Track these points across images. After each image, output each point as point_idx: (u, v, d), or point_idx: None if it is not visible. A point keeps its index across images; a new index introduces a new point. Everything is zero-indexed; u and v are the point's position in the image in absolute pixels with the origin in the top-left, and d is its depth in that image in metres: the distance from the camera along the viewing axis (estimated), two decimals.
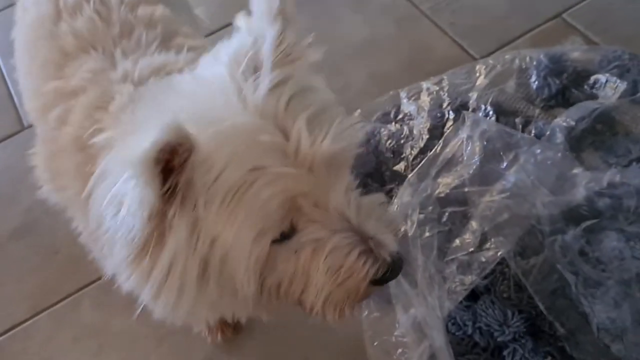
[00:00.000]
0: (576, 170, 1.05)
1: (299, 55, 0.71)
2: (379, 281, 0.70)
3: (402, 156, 1.26)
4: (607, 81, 1.28)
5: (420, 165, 1.14)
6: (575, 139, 1.17)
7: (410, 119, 1.34)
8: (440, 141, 1.12)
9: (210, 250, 0.65)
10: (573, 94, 1.31)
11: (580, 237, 1.05)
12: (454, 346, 1.05)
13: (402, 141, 1.28)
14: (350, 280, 0.69)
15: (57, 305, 1.31)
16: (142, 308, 0.78)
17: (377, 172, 1.29)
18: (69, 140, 0.89)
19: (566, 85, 1.32)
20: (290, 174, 0.64)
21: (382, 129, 1.32)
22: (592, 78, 1.31)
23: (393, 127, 1.32)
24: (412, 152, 1.27)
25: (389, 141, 1.29)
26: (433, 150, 1.13)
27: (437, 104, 1.34)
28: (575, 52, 1.37)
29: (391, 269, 0.69)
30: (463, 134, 1.09)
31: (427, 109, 1.33)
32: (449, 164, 1.11)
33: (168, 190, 0.62)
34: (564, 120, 1.19)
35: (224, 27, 1.76)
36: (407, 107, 1.36)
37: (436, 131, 1.27)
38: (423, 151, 1.24)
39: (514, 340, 1.04)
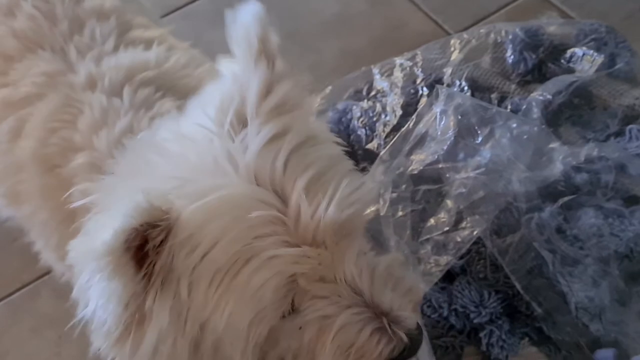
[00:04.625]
0: (553, 145, 1.02)
1: (297, 103, 0.62)
2: None
3: (375, 134, 1.22)
4: (584, 55, 1.25)
5: (392, 142, 1.10)
6: (552, 114, 1.14)
7: (383, 96, 1.29)
8: (413, 116, 1.08)
9: (201, 334, 0.59)
10: (550, 68, 1.27)
11: (557, 214, 1.02)
12: (430, 329, 1.03)
13: (374, 119, 1.24)
14: None
15: (14, 295, 1.25)
16: None
17: (349, 150, 1.24)
18: (30, 157, 0.80)
19: (542, 60, 1.29)
20: (287, 255, 0.56)
21: (354, 107, 1.28)
22: (569, 52, 1.28)
23: (365, 104, 1.28)
24: (385, 129, 1.22)
25: (362, 119, 1.25)
26: (406, 125, 1.09)
27: (410, 80, 1.29)
28: (551, 25, 1.34)
29: (408, 348, 0.62)
30: (437, 108, 1.06)
31: (401, 85, 1.29)
32: (423, 140, 1.07)
33: (145, 275, 0.55)
34: (540, 94, 1.16)
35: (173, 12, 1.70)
36: (380, 83, 1.32)
37: (410, 108, 1.22)
38: (396, 128, 1.20)
39: (490, 321, 1.02)
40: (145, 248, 0.53)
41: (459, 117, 1.03)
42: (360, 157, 1.22)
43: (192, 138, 0.61)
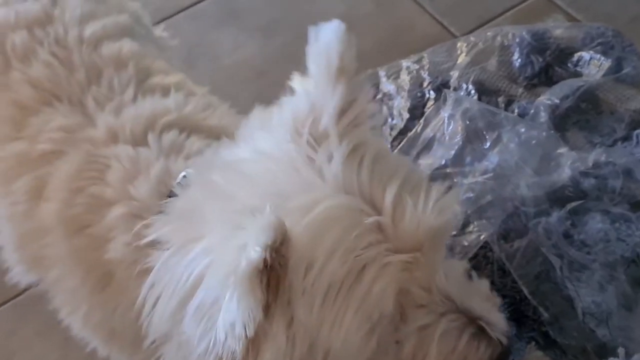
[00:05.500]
0: (561, 150, 1.02)
1: (363, 119, 0.63)
2: None
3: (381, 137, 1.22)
4: (591, 58, 1.25)
5: (400, 146, 1.10)
6: (559, 118, 1.14)
7: (390, 99, 1.29)
8: (421, 121, 1.09)
9: (309, 354, 0.57)
10: (556, 72, 1.27)
11: (565, 219, 1.02)
12: None
13: (381, 122, 1.24)
14: None
15: (21, 297, 1.25)
16: None
17: None
18: (55, 220, 0.77)
19: (549, 63, 1.29)
20: (399, 261, 0.56)
21: None
22: (576, 55, 1.28)
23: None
24: (392, 133, 1.22)
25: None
26: (414, 130, 1.09)
27: (417, 83, 1.29)
28: (558, 29, 1.33)
29: (505, 350, 0.64)
30: (445, 113, 1.06)
31: (407, 88, 1.29)
32: (430, 144, 1.08)
33: (268, 296, 0.54)
34: (547, 98, 1.16)
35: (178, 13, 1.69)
36: (386, 86, 1.32)
37: (416, 111, 1.22)
38: (403, 132, 1.20)
39: None
40: (271, 267, 0.52)
41: (467, 122, 1.03)
42: None
43: (271, 155, 0.60)
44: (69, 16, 0.88)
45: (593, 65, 1.25)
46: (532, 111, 1.13)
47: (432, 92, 1.26)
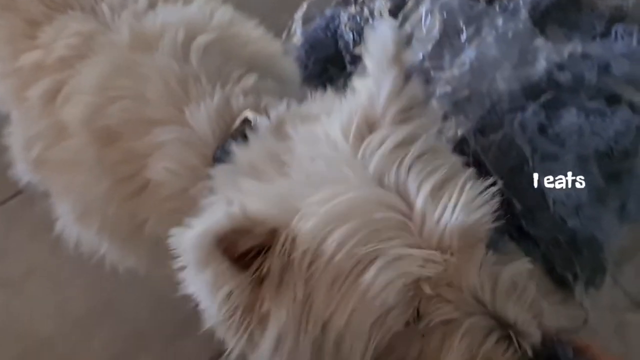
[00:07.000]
0: (537, 43, 1.02)
1: (418, 113, 0.61)
2: None
3: (363, 38, 1.21)
4: None
5: None
6: (539, 14, 1.13)
7: (371, 1, 1.28)
8: (399, 16, 1.08)
9: (323, 334, 0.58)
10: None
11: (539, 112, 1.03)
12: None
13: (362, 24, 1.23)
14: None
15: (11, 201, 1.26)
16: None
17: (337, 56, 1.24)
18: (82, 125, 0.73)
19: None
20: (413, 256, 0.55)
21: (342, 12, 1.26)
22: None
23: (353, 9, 1.27)
24: None
25: (349, 23, 1.24)
26: None
27: None
28: None
29: None
30: (423, 7, 1.05)
31: None
32: (408, 41, 1.07)
33: (254, 275, 0.56)
34: None
35: None
36: None
37: (397, 11, 1.21)
38: None
39: None
40: (252, 251, 0.55)
41: (445, 16, 1.03)
42: (349, 61, 1.22)
43: (318, 141, 0.61)
44: None
45: None
46: (512, 7, 1.12)
47: None
